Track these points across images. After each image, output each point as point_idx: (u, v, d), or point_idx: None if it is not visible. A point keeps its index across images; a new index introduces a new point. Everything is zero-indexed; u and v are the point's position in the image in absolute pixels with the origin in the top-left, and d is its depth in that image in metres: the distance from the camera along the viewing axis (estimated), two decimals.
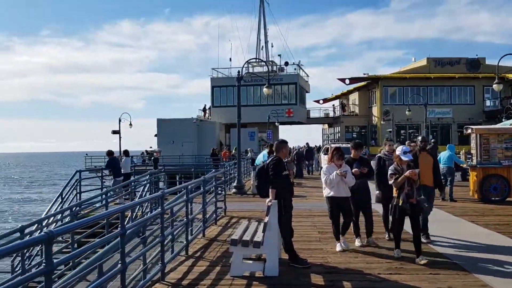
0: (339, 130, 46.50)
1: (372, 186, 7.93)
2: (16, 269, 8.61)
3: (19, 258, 8.20)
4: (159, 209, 6.10)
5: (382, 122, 41.13)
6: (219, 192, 11.57)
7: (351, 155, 7.81)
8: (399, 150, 6.81)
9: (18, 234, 7.01)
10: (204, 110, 46.02)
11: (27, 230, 7.40)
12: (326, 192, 7.31)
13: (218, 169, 20.18)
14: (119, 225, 4.63)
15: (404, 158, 6.66)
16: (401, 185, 6.55)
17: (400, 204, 6.54)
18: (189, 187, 7.72)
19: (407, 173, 6.49)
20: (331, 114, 50.19)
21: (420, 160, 7.88)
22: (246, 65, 32.95)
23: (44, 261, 2.90)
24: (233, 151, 29.01)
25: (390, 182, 6.72)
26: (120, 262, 4.58)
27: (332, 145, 25.61)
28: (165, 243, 6.14)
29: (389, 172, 6.78)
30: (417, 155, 7.92)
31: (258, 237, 5.99)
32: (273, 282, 5.71)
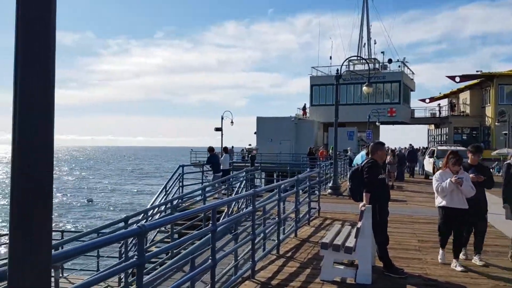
0: (447, 131, 43.42)
1: (490, 197, 7.14)
2: (123, 256, 9.33)
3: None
4: (251, 207, 6.16)
5: (496, 123, 37.57)
6: (314, 192, 11.41)
7: (469, 161, 6.95)
8: None
9: (122, 224, 7.59)
10: (303, 109, 45.96)
11: (131, 220, 7.98)
12: (438, 201, 6.56)
13: (314, 168, 19.98)
14: (211, 221, 4.75)
15: None
16: None
17: None
18: (282, 186, 7.71)
19: None
20: (438, 114, 47.06)
21: None
22: (346, 63, 32.18)
23: (136, 253, 3.06)
24: (330, 150, 28.54)
25: None
26: (210, 257, 4.70)
27: (439, 147, 24.02)
28: (256, 241, 6.19)
29: None
30: None
31: (350, 242, 5.77)
32: None
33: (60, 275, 8.19)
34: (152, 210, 10.92)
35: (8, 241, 1.45)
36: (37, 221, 1.45)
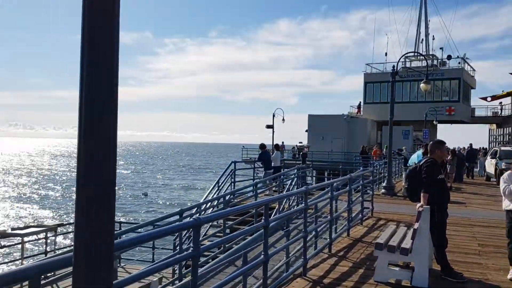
0: (510, 131, 41.08)
1: None
2: (177, 247, 9.56)
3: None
4: (303, 205, 6.12)
5: None
6: (367, 191, 11.16)
7: None
8: None
9: (177, 217, 7.78)
10: (358, 107, 45.14)
11: (185, 214, 8.17)
12: (506, 204, 6.10)
13: (367, 167, 19.56)
14: (263, 217, 4.76)
15: None
16: None
17: None
18: (334, 184, 7.61)
19: None
20: (500, 113, 44.56)
21: None
22: (402, 60, 31.22)
23: (192, 245, 3.12)
24: (384, 149, 27.82)
25: None
26: (263, 253, 4.71)
27: (502, 148, 22.70)
28: (308, 238, 6.15)
29: None
30: None
31: (406, 244, 5.59)
32: None
33: (118, 264, 8.54)
34: (205, 205, 11.11)
35: (74, 230, 1.52)
36: (101, 212, 1.51)
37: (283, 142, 35.74)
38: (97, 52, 1.46)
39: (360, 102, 44.95)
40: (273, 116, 33.03)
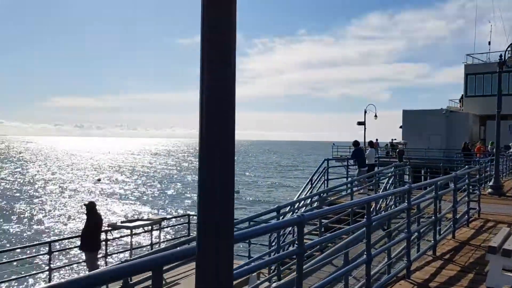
0: None
1: None
2: (272, 244, 9.69)
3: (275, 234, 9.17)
4: (405, 204, 5.88)
5: None
6: (472, 191, 10.41)
7: None
8: None
9: (274, 214, 7.90)
10: (461, 100, 42.30)
11: (282, 211, 8.27)
12: None
13: (471, 165, 18.24)
14: (365, 216, 4.65)
15: None
16: None
17: None
18: (438, 183, 7.20)
19: None
20: None
21: None
22: (509, 48, 28.63)
23: (296, 242, 3.14)
24: (489, 146, 25.77)
25: None
26: (365, 252, 4.61)
27: None
28: (411, 239, 5.89)
29: None
30: None
31: None
32: None
33: None
34: (298, 203, 11.13)
35: (197, 227, 1.61)
36: (221, 207, 1.59)
37: (377, 139, 34.56)
38: (217, 55, 1.54)
39: (462, 95, 42.02)
40: (365, 112, 32.22)
